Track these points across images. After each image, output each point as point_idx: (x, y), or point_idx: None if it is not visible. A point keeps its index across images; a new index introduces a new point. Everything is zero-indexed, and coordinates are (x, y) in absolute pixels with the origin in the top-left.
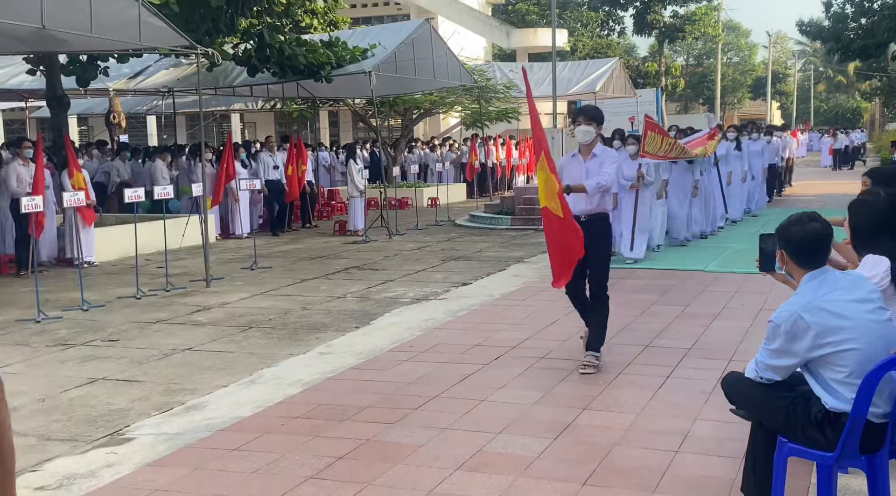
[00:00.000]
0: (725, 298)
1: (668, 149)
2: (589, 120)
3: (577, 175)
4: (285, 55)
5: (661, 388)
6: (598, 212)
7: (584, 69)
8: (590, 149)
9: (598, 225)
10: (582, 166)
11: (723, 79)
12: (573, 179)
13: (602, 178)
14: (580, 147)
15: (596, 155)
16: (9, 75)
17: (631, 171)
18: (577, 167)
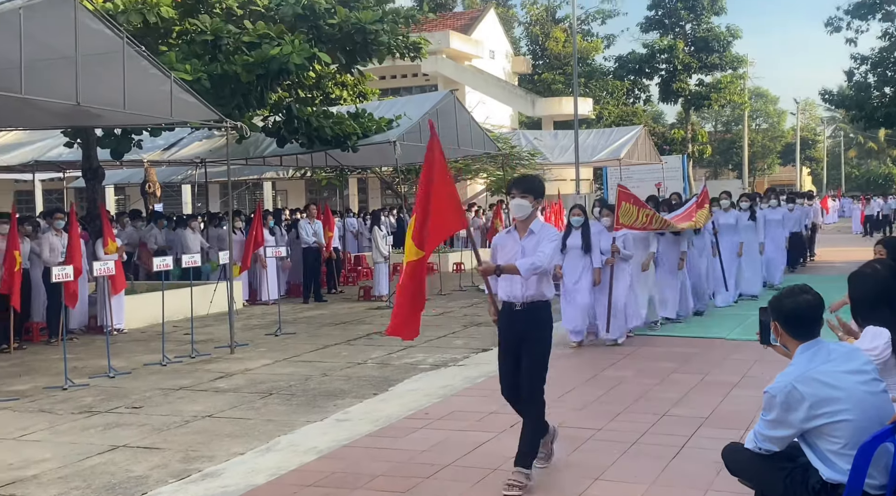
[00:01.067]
0: (746, 367)
1: (645, 221)
2: (524, 192)
3: (511, 254)
4: (313, 127)
5: (675, 459)
6: (536, 299)
7: (608, 136)
8: (526, 225)
9: (536, 314)
10: (517, 244)
11: (752, 145)
12: (507, 259)
13: (537, 258)
14: (516, 223)
15: (533, 232)
16: (48, 147)
17: (607, 244)
18: (512, 245)
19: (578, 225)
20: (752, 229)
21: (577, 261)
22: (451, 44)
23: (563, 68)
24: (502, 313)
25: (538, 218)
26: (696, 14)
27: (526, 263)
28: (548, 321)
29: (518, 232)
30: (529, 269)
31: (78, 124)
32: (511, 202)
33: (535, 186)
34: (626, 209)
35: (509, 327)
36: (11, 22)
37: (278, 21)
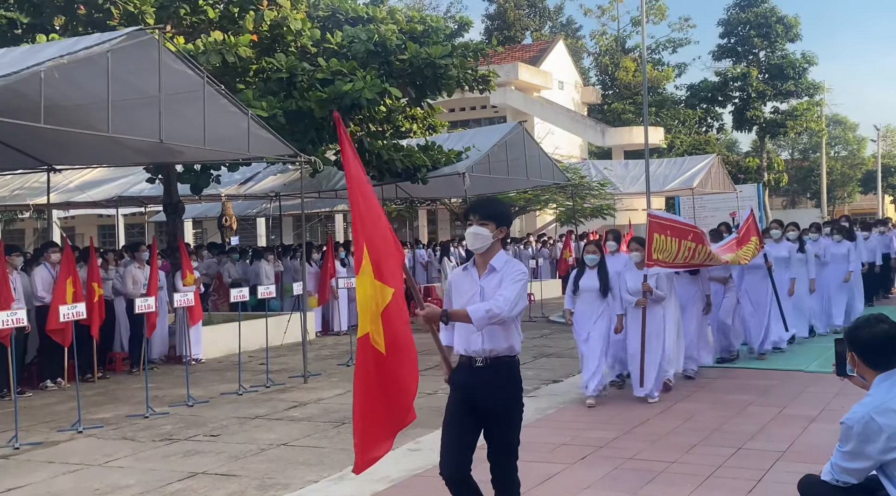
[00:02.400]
0: (825, 400)
1: (688, 255)
2: (483, 218)
3: (468, 297)
4: (384, 160)
5: (752, 492)
6: (502, 354)
7: (680, 165)
8: (486, 259)
9: (501, 374)
10: (475, 285)
11: (830, 173)
12: (463, 302)
13: (495, 304)
14: (474, 257)
15: (495, 269)
16: (131, 183)
17: (636, 284)
18: (470, 286)
19: (593, 264)
20: (803, 263)
21: (593, 305)
22: (520, 75)
23: (633, 98)
24: (459, 370)
25: (502, 252)
26: (769, 41)
27: (480, 310)
28: (516, 382)
29: (477, 269)
30: (484, 318)
31: (160, 161)
32: (467, 231)
33: (498, 211)
34: (661, 242)
35: (466, 389)
36: (100, 64)
37: (350, 58)
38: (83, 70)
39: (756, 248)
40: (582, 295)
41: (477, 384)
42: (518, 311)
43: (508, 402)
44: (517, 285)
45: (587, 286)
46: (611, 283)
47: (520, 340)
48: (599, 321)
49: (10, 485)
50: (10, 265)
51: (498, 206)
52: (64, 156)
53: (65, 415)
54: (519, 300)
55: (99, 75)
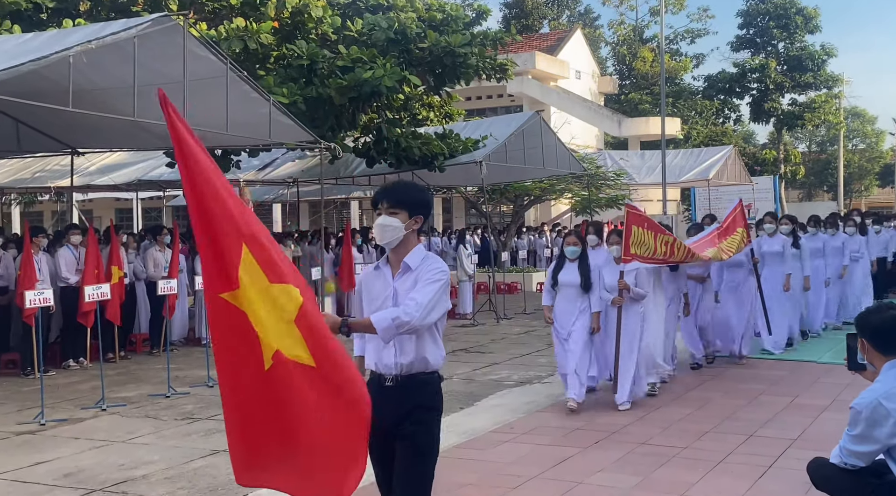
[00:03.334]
0: (837, 390)
1: (665, 250)
2: (393, 207)
3: (380, 301)
4: (402, 147)
5: (762, 478)
6: (417, 369)
7: (697, 156)
8: (399, 256)
9: (417, 393)
10: (388, 286)
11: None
12: (374, 307)
13: (404, 310)
14: (387, 253)
15: (410, 268)
16: (150, 167)
17: (613, 280)
18: (381, 288)
19: (574, 256)
20: (797, 258)
21: (572, 302)
22: (537, 65)
23: (650, 88)
24: (368, 389)
25: (420, 247)
26: (789, 33)
27: (385, 318)
28: (432, 406)
29: (390, 267)
30: (391, 328)
31: None
32: (375, 222)
33: (413, 197)
34: (639, 236)
35: (377, 412)
36: (126, 50)
37: (371, 45)
38: (109, 55)
39: (742, 241)
40: (561, 290)
41: (389, 403)
42: (435, 318)
43: (418, 430)
44: (433, 287)
45: (567, 281)
46: (592, 278)
47: (441, 354)
48: (581, 318)
49: (38, 459)
50: (35, 246)
51: (412, 192)
52: (87, 139)
53: (88, 394)
54: (436, 305)
55: (125, 60)
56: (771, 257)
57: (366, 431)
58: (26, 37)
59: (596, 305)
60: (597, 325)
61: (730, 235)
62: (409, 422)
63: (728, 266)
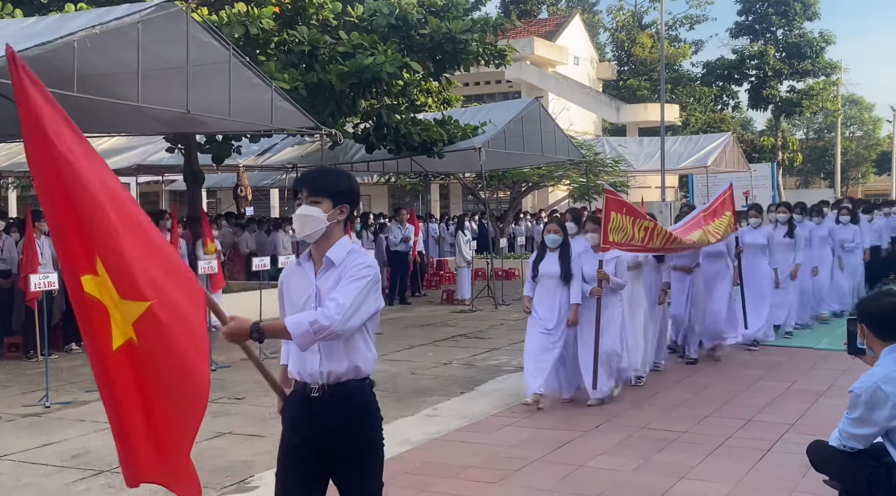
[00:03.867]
0: (834, 376)
1: (644, 236)
2: (314, 195)
3: (302, 301)
4: (401, 134)
5: (761, 461)
6: (347, 377)
7: (695, 143)
8: (321, 250)
9: (345, 405)
10: (310, 284)
11: (845, 153)
12: (296, 308)
13: (325, 311)
14: (309, 247)
15: (333, 264)
16: (149, 152)
17: (592, 269)
18: (303, 286)
19: (555, 245)
20: (791, 247)
21: (554, 293)
22: (536, 50)
23: (648, 74)
24: (290, 401)
25: (345, 239)
26: (787, 19)
27: (301, 323)
28: (368, 414)
29: (312, 264)
30: (307, 333)
31: (183, 130)
32: (295, 212)
33: (337, 184)
34: (618, 222)
35: (300, 426)
36: (130, 35)
37: (371, 31)
38: (113, 40)
39: (730, 226)
40: (542, 281)
41: (314, 420)
42: (360, 321)
43: (358, 442)
44: (357, 285)
45: (547, 271)
46: (573, 268)
47: (373, 358)
48: (564, 310)
49: (45, 440)
50: (37, 230)
51: (336, 178)
52: (89, 124)
53: (91, 377)
54: (361, 305)
55: (128, 45)
56: (753, 249)
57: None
58: (28, 21)
59: (575, 296)
60: (574, 318)
61: (717, 218)
62: (343, 436)
63: (706, 256)
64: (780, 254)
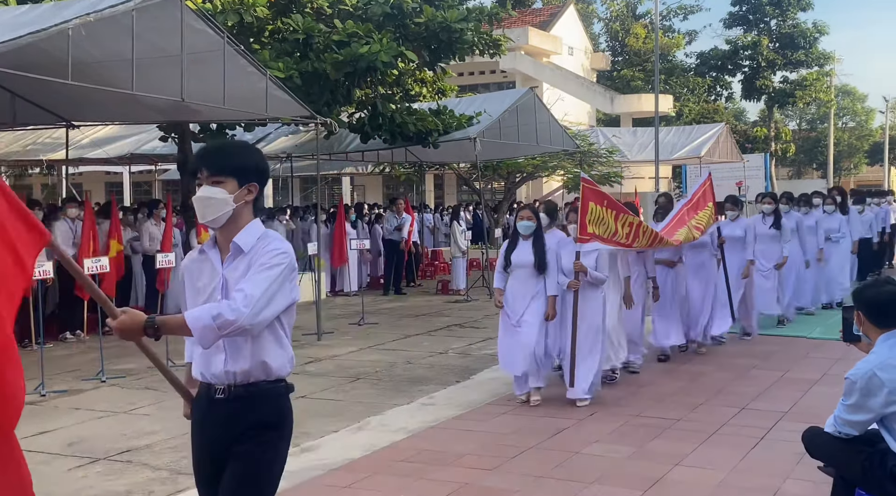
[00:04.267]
0: (827, 365)
1: (629, 232)
2: (216, 174)
3: (207, 292)
4: (396, 123)
5: (755, 448)
6: (255, 378)
7: (689, 134)
8: (228, 236)
9: (251, 409)
10: (216, 274)
11: (838, 144)
12: (199, 300)
13: (231, 304)
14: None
15: (242, 250)
16: (142, 141)
17: (570, 261)
18: (208, 276)
19: (528, 232)
20: (776, 239)
21: (526, 284)
22: (530, 40)
23: (642, 65)
24: (196, 403)
25: (255, 223)
26: (781, 10)
27: (202, 316)
28: (279, 419)
29: (218, 251)
30: (210, 328)
31: (177, 119)
32: (195, 195)
33: (243, 161)
34: (597, 213)
35: (204, 430)
36: (124, 23)
37: (366, 20)
38: (107, 28)
39: (711, 218)
40: (514, 271)
41: (215, 424)
42: (272, 314)
43: (254, 450)
44: (269, 274)
45: (520, 260)
46: (548, 258)
47: (287, 357)
48: (534, 302)
49: (41, 428)
50: None
51: (241, 153)
52: (83, 112)
53: (87, 366)
54: (273, 297)
55: (122, 33)
56: (730, 241)
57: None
58: (22, 9)
59: (552, 288)
60: (552, 311)
61: (700, 210)
62: (243, 441)
63: (690, 246)
64: (765, 245)
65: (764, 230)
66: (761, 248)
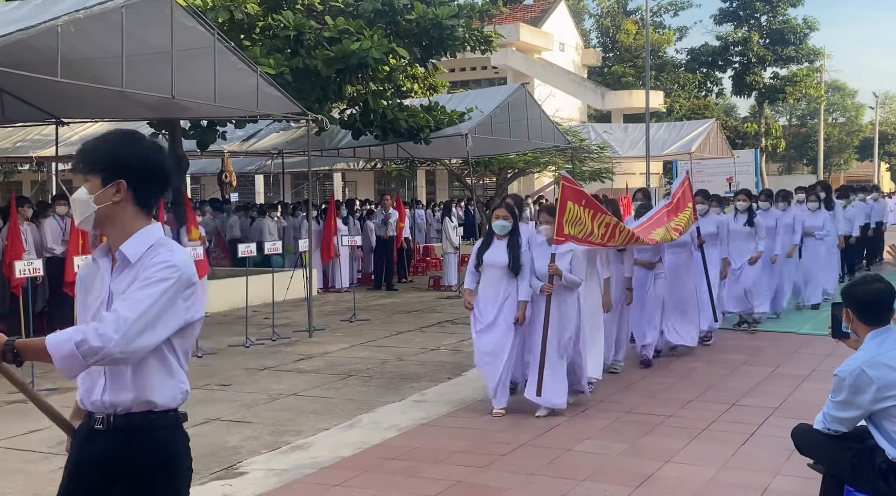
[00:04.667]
0: (817, 361)
1: (604, 232)
2: (84, 171)
3: (94, 308)
4: (388, 119)
5: (745, 445)
6: (138, 408)
7: (679, 130)
8: (115, 243)
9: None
10: (103, 286)
11: (828, 139)
12: (87, 315)
13: (100, 327)
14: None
15: (129, 261)
16: None
17: (544, 263)
18: (98, 289)
19: (504, 233)
20: (751, 237)
21: (499, 285)
22: (521, 37)
23: (633, 61)
24: (77, 434)
25: (149, 228)
26: (771, 6)
27: (65, 341)
28: (167, 461)
29: (110, 259)
30: (72, 357)
31: (168, 116)
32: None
33: (109, 155)
34: (574, 213)
35: (78, 465)
36: (113, 20)
37: (357, 17)
38: (96, 25)
39: (691, 219)
40: (486, 271)
41: (95, 459)
42: (158, 338)
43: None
44: (151, 292)
45: (493, 260)
46: (523, 259)
47: (180, 388)
48: (507, 305)
49: (32, 427)
50: (21, 216)
51: (108, 148)
52: (73, 109)
53: None
54: (158, 319)
55: (112, 30)
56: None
57: None
58: (11, 5)
59: (524, 292)
60: (522, 316)
61: (680, 212)
62: (126, 482)
63: (670, 246)
64: (740, 243)
65: (738, 228)
66: (735, 246)
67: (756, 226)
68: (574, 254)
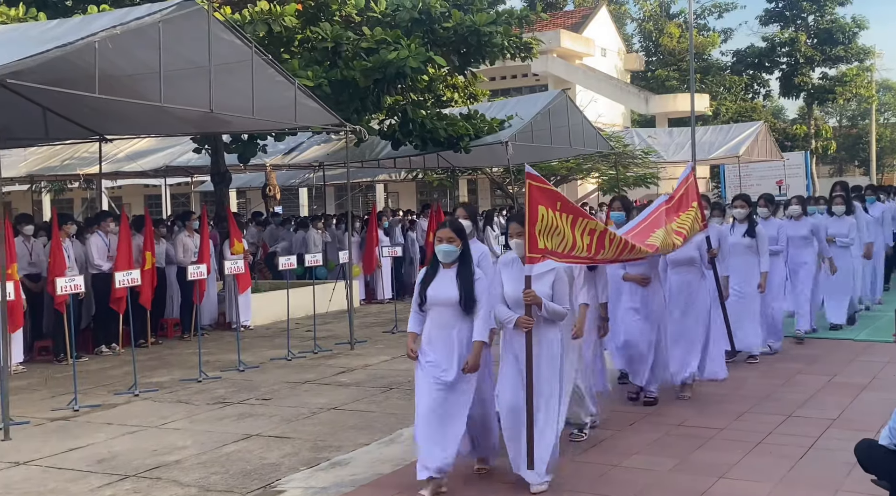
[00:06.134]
0: (877, 368)
1: (590, 242)
2: None
3: None
4: (427, 129)
5: (802, 459)
6: None
7: (726, 133)
8: None
9: None
10: None
11: (880, 140)
12: None
13: None
14: None
15: None
16: (178, 154)
17: (517, 290)
18: None
19: (450, 260)
20: (753, 249)
21: (450, 328)
22: (562, 43)
23: (677, 64)
24: None
25: None
26: (818, 5)
27: None
28: None
29: None
30: None
31: (208, 130)
32: None
33: None
34: (549, 221)
35: None
36: (151, 35)
37: (395, 26)
38: (134, 41)
39: (697, 220)
40: (432, 310)
41: None
42: None
43: None
44: None
45: (440, 296)
46: (477, 292)
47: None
48: (457, 350)
49: (73, 445)
50: (63, 233)
51: None
52: (114, 126)
53: (120, 379)
54: None
55: (150, 46)
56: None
57: None
58: (51, 24)
59: (480, 332)
60: (475, 362)
61: (682, 212)
62: None
63: (673, 264)
64: (740, 258)
65: (736, 240)
66: (735, 262)
67: (758, 237)
68: (556, 274)
